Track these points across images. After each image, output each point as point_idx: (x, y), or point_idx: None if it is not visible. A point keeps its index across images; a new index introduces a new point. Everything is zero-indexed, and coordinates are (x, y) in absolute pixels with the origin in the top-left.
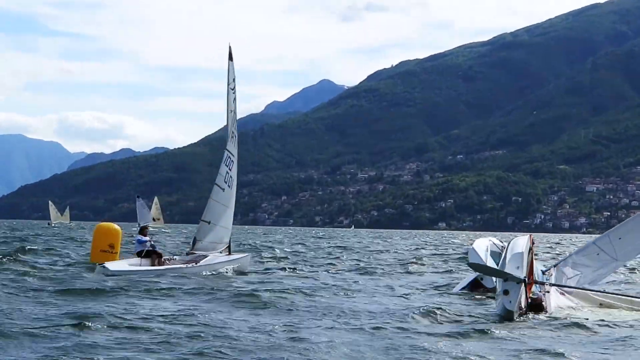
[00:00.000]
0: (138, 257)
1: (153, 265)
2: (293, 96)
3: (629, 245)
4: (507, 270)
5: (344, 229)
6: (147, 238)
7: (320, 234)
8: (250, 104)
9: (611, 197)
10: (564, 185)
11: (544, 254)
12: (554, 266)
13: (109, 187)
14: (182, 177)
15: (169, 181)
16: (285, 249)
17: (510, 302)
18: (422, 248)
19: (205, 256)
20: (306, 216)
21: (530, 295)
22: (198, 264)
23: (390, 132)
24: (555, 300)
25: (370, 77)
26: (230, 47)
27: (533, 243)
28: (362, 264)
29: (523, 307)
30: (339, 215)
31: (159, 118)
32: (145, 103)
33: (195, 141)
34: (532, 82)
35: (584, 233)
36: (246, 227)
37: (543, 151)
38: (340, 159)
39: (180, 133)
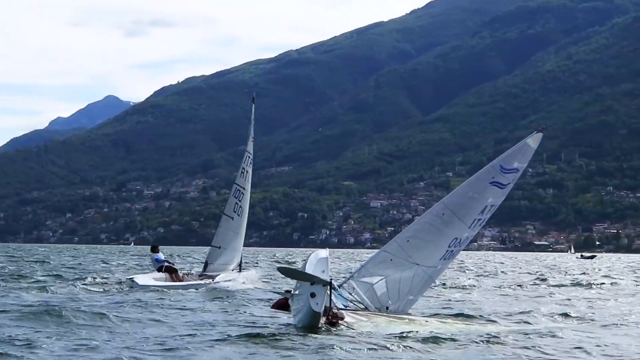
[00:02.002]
0: (159, 272)
1: (172, 279)
2: (78, 112)
3: (425, 249)
4: (313, 274)
5: (132, 245)
6: (162, 256)
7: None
8: (34, 119)
9: (395, 212)
10: (349, 201)
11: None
12: (349, 278)
13: None
14: None
15: None
16: None
17: (317, 304)
18: None
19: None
20: (91, 233)
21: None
22: (215, 280)
23: (176, 148)
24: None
25: (156, 93)
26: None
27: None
28: None
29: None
30: (125, 232)
31: None
32: None
33: None
34: (317, 99)
35: (368, 248)
36: (30, 245)
37: (328, 167)
38: (126, 175)
39: None
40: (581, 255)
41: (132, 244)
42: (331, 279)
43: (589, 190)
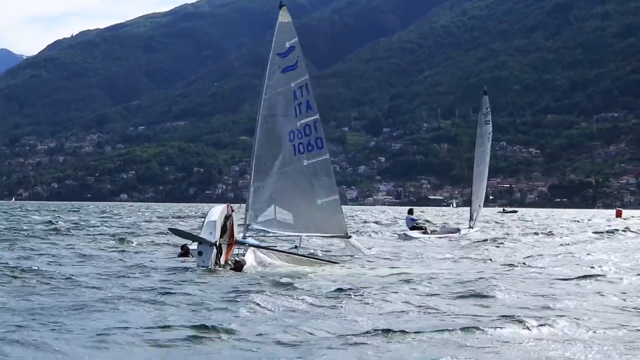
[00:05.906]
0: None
1: (425, 234)
2: None
3: (275, 157)
4: (202, 235)
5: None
6: (415, 217)
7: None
8: None
9: None
10: (245, 156)
11: None
12: (247, 227)
13: None
14: None
15: None
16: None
17: (203, 261)
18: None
19: (455, 230)
20: None
21: (231, 255)
22: (460, 234)
23: (70, 102)
24: (250, 259)
25: (50, 47)
26: None
27: (233, 210)
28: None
29: (221, 264)
30: (19, 187)
31: None
32: None
33: None
34: (213, 53)
35: None
36: None
37: (224, 122)
38: (19, 130)
39: None
40: (503, 210)
41: (13, 199)
42: (216, 240)
43: None
